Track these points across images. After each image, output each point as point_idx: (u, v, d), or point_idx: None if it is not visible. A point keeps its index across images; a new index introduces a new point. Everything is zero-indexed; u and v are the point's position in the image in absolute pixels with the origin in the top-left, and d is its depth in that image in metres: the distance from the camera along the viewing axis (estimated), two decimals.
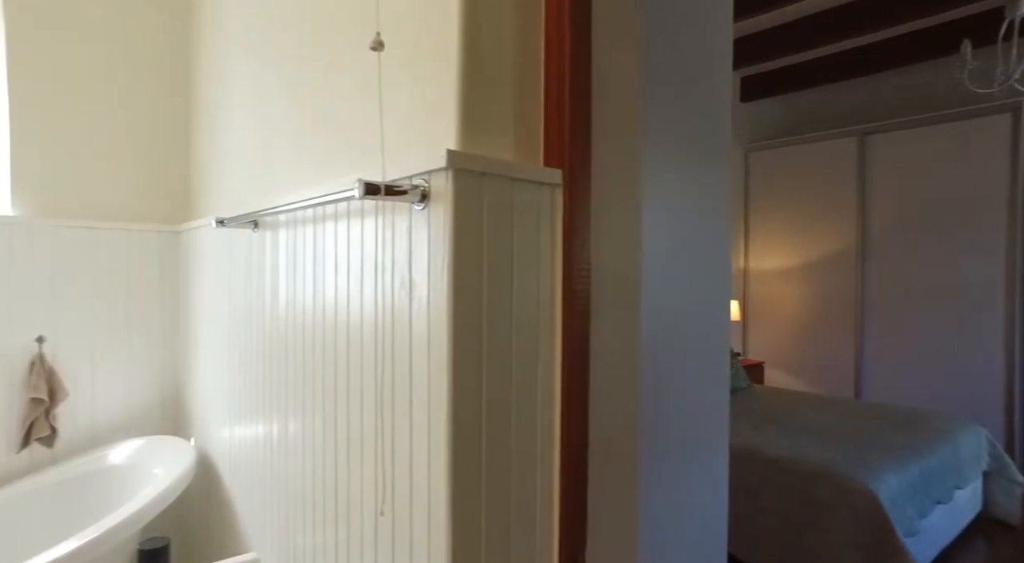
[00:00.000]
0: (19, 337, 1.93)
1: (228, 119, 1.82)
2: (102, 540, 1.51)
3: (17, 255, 1.93)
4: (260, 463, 1.52)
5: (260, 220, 1.48)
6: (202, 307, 1.99)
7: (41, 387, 1.91)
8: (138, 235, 2.15)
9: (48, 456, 1.98)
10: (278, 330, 1.40)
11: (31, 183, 1.97)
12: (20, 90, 1.94)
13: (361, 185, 0.82)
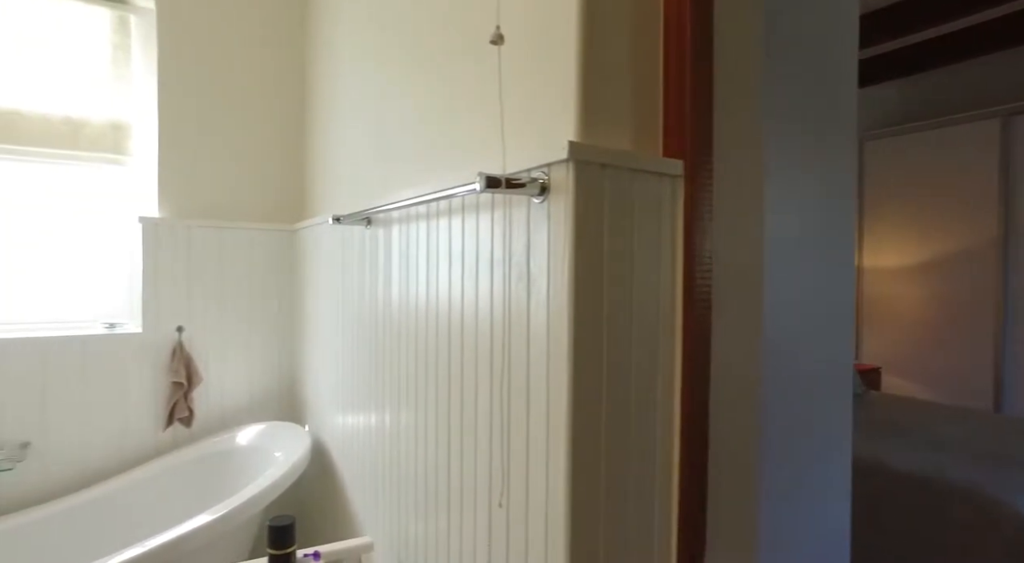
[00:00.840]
0: (164, 326, 2.13)
1: (341, 121, 1.91)
2: (232, 516, 1.63)
3: (162, 251, 2.12)
4: (371, 451, 1.59)
5: (372, 217, 1.53)
6: (316, 301, 2.11)
7: (181, 372, 2.09)
8: (258, 233, 2.31)
9: (186, 435, 2.17)
10: (390, 323, 1.44)
11: (172, 187, 2.16)
12: (168, 108, 2.14)
13: (483, 178, 0.82)
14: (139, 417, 2.10)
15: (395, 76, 1.47)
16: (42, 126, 2.02)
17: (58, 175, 2.09)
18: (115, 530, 1.97)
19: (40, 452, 1.96)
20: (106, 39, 2.13)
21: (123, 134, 2.15)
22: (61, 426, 1.99)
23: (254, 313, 2.30)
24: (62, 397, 1.98)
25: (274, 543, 1.22)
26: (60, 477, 1.99)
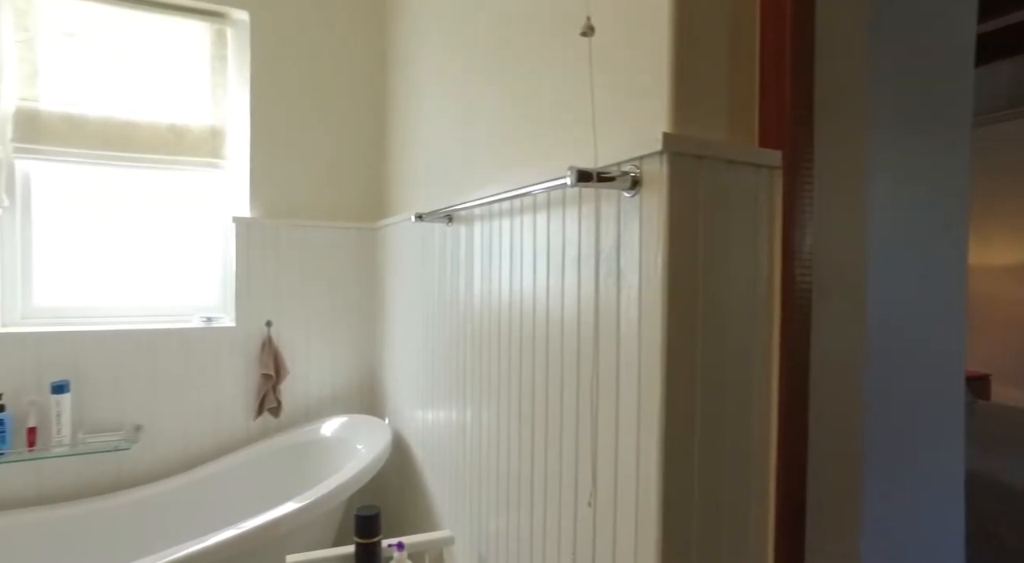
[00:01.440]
0: (255, 321, 2.24)
1: (422, 121, 1.94)
2: (318, 504, 1.69)
3: (253, 250, 2.24)
4: (452, 446, 1.60)
5: (454, 214, 1.55)
6: (396, 297, 2.16)
7: (270, 364, 2.20)
8: (341, 232, 2.39)
9: (275, 425, 2.28)
10: (471, 320, 1.46)
11: (262, 189, 2.27)
12: (259, 114, 2.25)
13: (574, 173, 0.81)
14: (233, 406, 2.22)
15: (477, 73, 1.48)
16: (151, 134, 2.17)
17: (163, 179, 2.24)
18: (212, 510, 2.09)
19: (151, 434, 2.11)
20: (206, 51, 2.26)
21: (219, 139, 2.27)
22: (168, 412, 2.13)
23: (336, 309, 2.38)
24: (168, 385, 2.13)
25: (361, 532, 1.25)
26: (167, 458, 2.13)
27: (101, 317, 2.16)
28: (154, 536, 2.01)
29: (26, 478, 1.96)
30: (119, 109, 2.14)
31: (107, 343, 2.05)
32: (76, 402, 2.00)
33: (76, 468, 2.01)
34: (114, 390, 2.06)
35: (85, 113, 2.10)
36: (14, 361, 1.94)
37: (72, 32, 2.09)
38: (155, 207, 2.24)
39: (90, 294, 2.16)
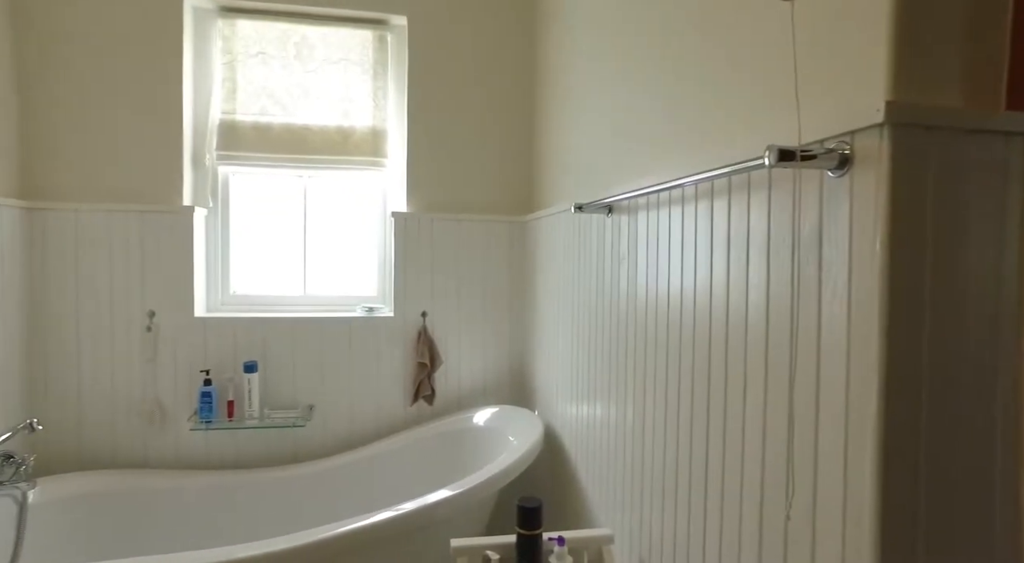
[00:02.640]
0: (411, 311, 2.36)
1: (574, 110, 1.91)
2: (473, 493, 1.73)
3: (410, 243, 2.35)
4: (610, 443, 1.56)
5: (615, 205, 1.50)
6: (548, 289, 2.16)
7: (425, 353, 2.30)
8: (492, 225, 2.43)
9: (429, 412, 2.38)
10: (634, 313, 1.40)
11: (418, 184, 2.38)
12: (415, 113, 2.36)
13: (773, 152, 0.73)
14: (391, 392, 2.36)
15: (641, 49, 1.41)
16: (322, 137, 2.36)
17: (332, 178, 2.43)
18: (371, 487, 2.24)
19: (321, 414, 2.30)
20: (369, 57, 2.41)
21: (380, 139, 2.41)
22: (335, 394, 2.31)
23: (488, 301, 2.44)
24: (335, 370, 2.31)
25: (523, 523, 1.25)
26: (334, 437, 2.31)
27: (283, 305, 2.39)
28: (322, 507, 2.19)
29: (227, 443, 2.22)
30: (296, 116, 2.34)
31: (286, 329, 2.26)
32: (263, 381, 2.23)
33: (263, 439, 2.25)
34: (292, 372, 2.27)
35: (270, 121, 2.32)
36: (217, 342, 2.20)
37: (262, 51, 2.32)
38: (325, 204, 2.44)
39: (274, 284, 2.40)
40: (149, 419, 2.16)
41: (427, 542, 1.76)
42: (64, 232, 2.10)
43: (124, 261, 2.14)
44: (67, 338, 2.11)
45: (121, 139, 2.14)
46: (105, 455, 2.15)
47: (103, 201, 2.13)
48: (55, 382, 2.11)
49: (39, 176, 2.09)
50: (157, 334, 2.16)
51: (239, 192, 2.38)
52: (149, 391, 2.17)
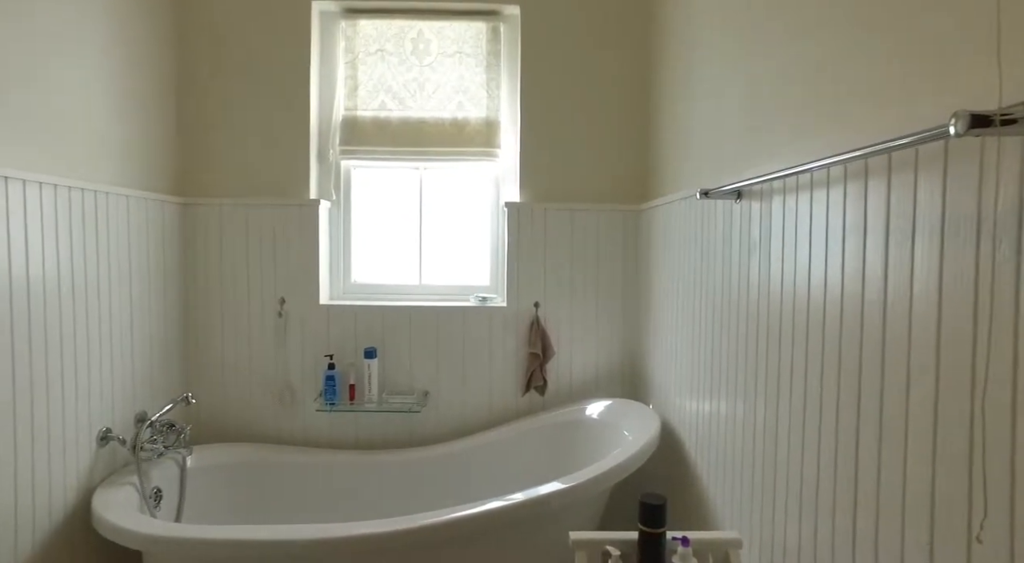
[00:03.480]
0: (524, 301, 2.36)
1: (698, 89, 1.81)
2: (587, 486, 1.70)
3: (523, 233, 2.35)
4: (735, 441, 1.48)
5: (745, 190, 1.41)
6: (663, 280, 2.07)
7: (537, 344, 2.29)
8: (605, 214, 2.38)
9: (540, 402, 2.38)
10: (765, 306, 1.31)
11: (531, 174, 2.37)
12: (528, 103, 2.35)
13: (964, 118, 0.63)
14: (503, 382, 2.38)
15: (775, 11, 1.30)
16: (437, 129, 2.41)
17: (447, 169, 2.48)
18: (483, 475, 2.27)
19: (435, 401, 2.36)
20: (482, 48, 2.43)
21: (493, 130, 2.43)
22: (448, 382, 2.36)
23: (601, 292, 2.39)
24: (449, 358, 2.36)
25: (646, 520, 1.21)
26: (447, 424, 2.37)
27: (400, 294, 2.48)
28: (435, 491, 2.25)
29: (348, 425, 2.34)
30: (413, 109, 2.41)
31: (403, 317, 2.34)
32: (381, 367, 2.33)
33: (381, 422, 2.35)
34: (408, 359, 2.35)
35: (388, 116, 2.40)
36: (340, 329, 2.32)
37: (381, 48, 2.41)
38: (440, 195, 2.49)
39: (392, 273, 2.49)
40: (280, 399, 2.32)
41: (538, 533, 1.76)
42: (210, 225, 2.30)
43: (259, 251, 2.31)
44: (213, 322, 2.31)
45: (258, 139, 2.31)
46: (244, 430, 2.34)
47: (242, 196, 2.30)
48: (204, 362, 2.32)
49: (191, 175, 2.30)
50: (287, 320, 2.32)
51: (360, 185, 2.48)
52: (280, 373, 2.33)
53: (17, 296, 1.51)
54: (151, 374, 2.09)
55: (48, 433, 1.62)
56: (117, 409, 1.90)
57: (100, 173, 1.84)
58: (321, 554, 1.55)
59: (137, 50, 2.02)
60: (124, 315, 1.93)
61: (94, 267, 1.79)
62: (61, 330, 1.66)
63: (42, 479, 1.61)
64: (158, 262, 2.12)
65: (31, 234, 1.56)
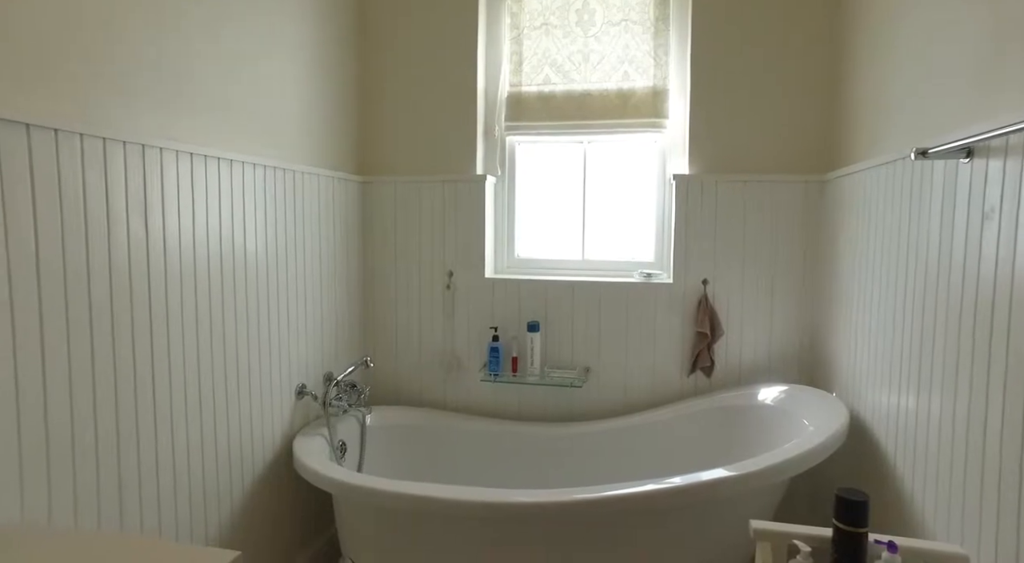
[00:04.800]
0: (691, 278, 2.24)
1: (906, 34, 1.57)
2: (761, 476, 1.58)
3: (692, 207, 2.23)
4: (954, 442, 1.28)
5: (979, 146, 1.19)
6: (854, 255, 1.85)
7: (705, 323, 2.17)
8: (784, 185, 2.18)
9: (705, 384, 2.26)
10: (1007, 288, 1.10)
11: (701, 145, 2.23)
12: (699, 69, 2.21)
13: None
14: (667, 361, 2.29)
15: None
16: (602, 101, 2.35)
17: (612, 142, 2.42)
18: (643, 455, 2.21)
19: (596, 377, 2.34)
20: (649, 14, 2.31)
21: (661, 99, 2.32)
22: (610, 358, 2.33)
23: (776, 268, 2.20)
24: (612, 334, 2.32)
25: (845, 518, 1.09)
26: (608, 401, 2.34)
27: (562, 269, 2.48)
28: (594, 466, 2.24)
29: (510, 396, 2.41)
30: (577, 82, 2.37)
31: (566, 292, 2.34)
32: (544, 341, 2.35)
33: (542, 395, 2.38)
34: (571, 334, 2.35)
35: (552, 90, 2.39)
36: (504, 302, 2.38)
37: (545, 22, 2.39)
38: (604, 169, 2.44)
39: (555, 248, 2.50)
40: (448, 368, 2.45)
41: (703, 520, 1.67)
42: (386, 201, 2.46)
43: (430, 225, 2.43)
44: (387, 292, 2.49)
45: (428, 119, 2.42)
46: (414, 394, 2.50)
47: (414, 173, 2.43)
48: (379, 329, 2.51)
49: (369, 154, 2.48)
50: (454, 292, 2.42)
51: (524, 160, 2.51)
52: (448, 343, 2.44)
53: (239, 267, 1.73)
54: (336, 339, 2.30)
55: (260, 386, 1.85)
56: (310, 368, 2.12)
57: (297, 155, 2.03)
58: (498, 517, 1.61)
59: (325, 48, 2.20)
60: (316, 284, 2.14)
61: (293, 240, 2.00)
62: (268, 297, 1.88)
63: (256, 425, 1.84)
64: (342, 236, 2.32)
65: (247, 210, 1.77)
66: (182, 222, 1.53)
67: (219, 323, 1.67)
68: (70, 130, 1.23)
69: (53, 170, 1.21)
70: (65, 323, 1.24)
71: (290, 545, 2.04)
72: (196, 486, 1.61)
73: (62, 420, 1.24)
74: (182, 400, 1.55)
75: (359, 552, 1.82)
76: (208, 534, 1.67)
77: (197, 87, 1.58)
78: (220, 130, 1.67)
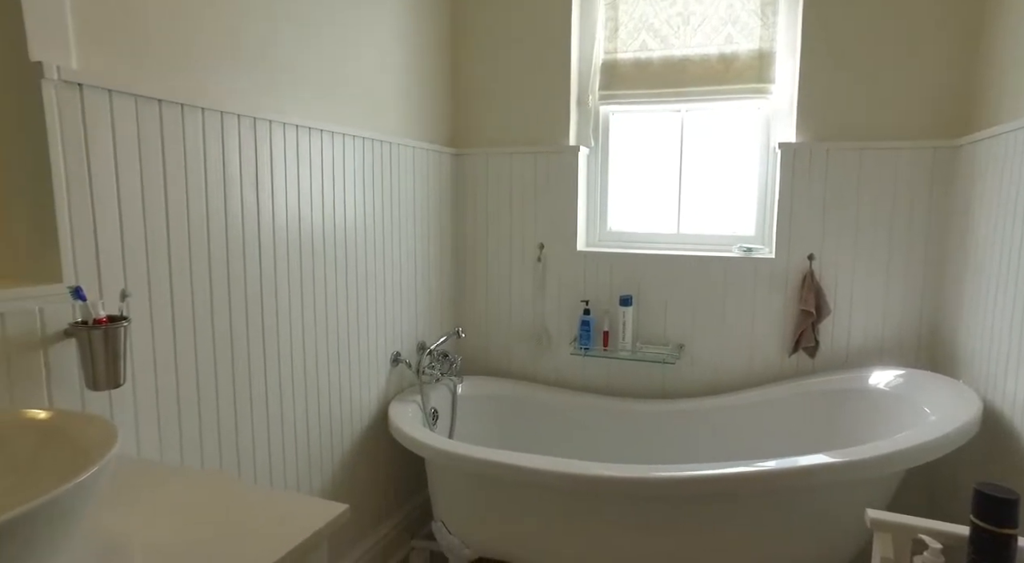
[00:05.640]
0: (796, 253, 2.11)
1: None
2: (871, 464, 1.48)
3: (798, 177, 2.08)
4: None
5: None
6: (993, 228, 1.67)
7: (810, 301, 2.04)
8: (906, 152, 1.99)
9: (808, 366, 2.14)
10: None
11: (811, 111, 2.07)
12: (810, 30, 2.04)
13: None
14: (765, 339, 2.18)
15: None
16: (702, 67, 2.23)
17: (710, 110, 2.30)
18: (736, 436, 2.13)
19: (690, 354, 2.27)
20: None
21: (767, 63, 2.16)
22: (705, 335, 2.24)
23: (894, 243, 2.03)
24: (707, 310, 2.23)
25: (988, 516, 0.99)
26: (701, 379, 2.27)
27: (656, 243, 2.40)
28: (684, 445, 2.18)
29: (600, 370, 2.38)
30: (675, 47, 2.26)
31: (660, 266, 2.26)
32: (636, 315, 2.30)
33: (633, 370, 2.33)
34: (664, 309, 2.28)
35: (649, 56, 2.29)
36: (595, 276, 2.34)
37: None
38: (702, 139, 2.32)
39: (648, 221, 2.42)
40: (537, 340, 2.44)
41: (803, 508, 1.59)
42: (478, 173, 2.46)
43: (521, 197, 2.41)
44: (478, 264, 2.50)
45: (521, 89, 2.38)
46: (503, 366, 2.52)
47: (506, 145, 2.42)
48: (470, 300, 2.54)
49: (462, 126, 2.48)
50: (545, 265, 2.40)
51: (618, 130, 2.43)
52: (538, 315, 2.44)
53: (339, 236, 1.79)
54: (429, 309, 2.34)
55: (358, 353, 1.92)
56: (404, 337, 2.18)
57: (393, 126, 2.06)
58: (584, 490, 1.60)
59: (420, 18, 2.20)
60: (409, 255, 2.18)
61: (388, 211, 2.04)
62: (366, 267, 1.93)
63: (355, 389, 1.92)
64: (435, 208, 2.34)
65: (347, 181, 1.82)
66: (288, 192, 1.59)
67: (321, 291, 1.74)
68: (193, 104, 1.30)
69: (179, 142, 1.28)
70: (190, 292, 1.32)
71: (384, 506, 2.12)
72: (301, 446, 1.70)
73: (189, 375, 1.33)
74: (289, 364, 1.63)
75: (450, 516, 1.87)
76: (313, 491, 1.76)
77: (304, 65, 1.62)
78: (323, 104, 1.71)
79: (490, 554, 1.84)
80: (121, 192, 1.17)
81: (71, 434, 0.75)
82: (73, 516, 0.61)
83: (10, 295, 0.97)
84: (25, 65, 1.01)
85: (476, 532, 1.83)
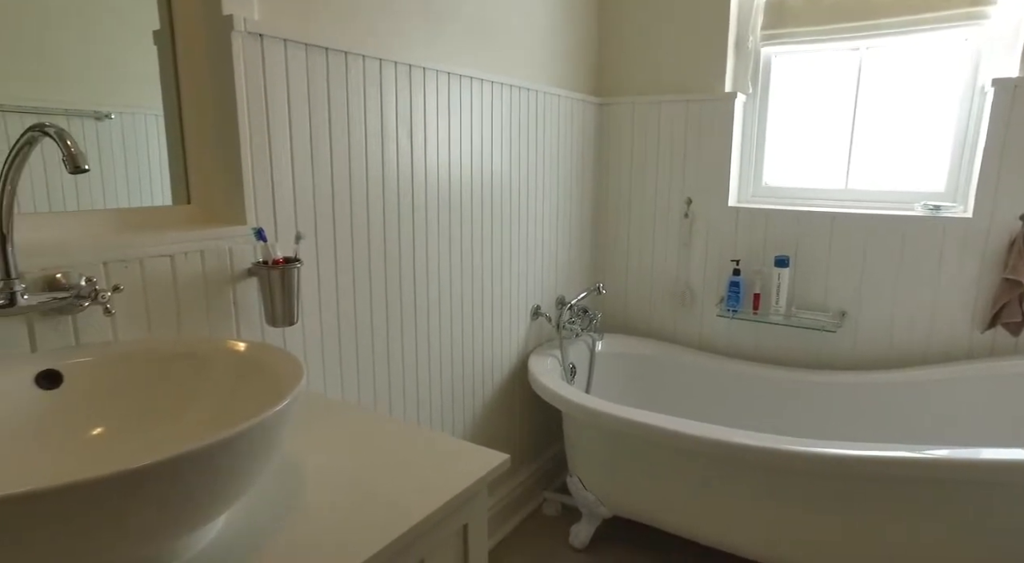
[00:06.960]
0: (1002, 212, 1.80)
1: None
2: None
3: (1017, 121, 1.76)
4: None
5: None
6: None
7: (1020, 269, 1.74)
8: None
9: (1009, 344, 1.85)
10: None
11: None
12: None
13: None
14: (950, 311, 1.91)
15: None
16: None
17: (898, 46, 1.99)
18: (905, 419, 1.91)
19: (854, 323, 2.05)
20: None
21: None
22: (874, 304, 2.01)
23: None
24: (877, 276, 1.99)
25: None
26: (867, 351, 2.04)
27: (819, 199, 2.16)
28: (840, 422, 1.99)
29: (747, 335, 2.23)
30: None
31: (823, 225, 2.04)
32: (792, 277, 2.11)
33: (785, 337, 2.16)
34: (825, 272, 2.07)
35: None
36: (747, 234, 2.17)
37: None
38: (884, 81, 2.03)
39: (811, 176, 2.18)
40: (680, 300, 2.33)
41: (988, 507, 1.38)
42: (623, 123, 2.34)
43: (669, 149, 2.27)
44: (621, 218, 2.41)
45: (672, 32, 2.20)
46: (642, 324, 2.44)
47: (655, 93, 2.27)
48: (611, 255, 2.46)
49: (608, 73, 2.36)
50: (693, 221, 2.26)
51: (781, 75, 2.19)
52: (682, 274, 2.32)
53: (486, 184, 1.78)
54: (570, 263, 2.30)
55: (500, 303, 1.93)
56: (544, 290, 2.16)
57: (539, 74, 2.00)
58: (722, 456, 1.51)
59: None
60: (552, 206, 2.14)
61: (532, 161, 2.00)
62: (509, 216, 1.92)
63: (497, 339, 1.94)
64: (579, 159, 2.27)
65: (494, 128, 1.79)
66: (440, 140, 1.60)
67: (468, 239, 1.75)
68: (355, 52, 1.32)
69: (343, 89, 1.32)
70: (350, 237, 1.38)
71: (518, 456, 2.16)
72: (447, 391, 1.76)
73: (348, 317, 1.40)
74: (437, 311, 1.68)
75: (584, 470, 1.86)
76: (456, 434, 1.83)
77: (455, 11, 1.60)
78: (472, 51, 1.69)
79: (626, 514, 1.82)
80: (294, 138, 1.23)
81: (265, 365, 0.80)
82: (276, 439, 0.65)
83: (210, 234, 1.06)
84: (218, 18, 1.07)
85: (612, 491, 1.81)
